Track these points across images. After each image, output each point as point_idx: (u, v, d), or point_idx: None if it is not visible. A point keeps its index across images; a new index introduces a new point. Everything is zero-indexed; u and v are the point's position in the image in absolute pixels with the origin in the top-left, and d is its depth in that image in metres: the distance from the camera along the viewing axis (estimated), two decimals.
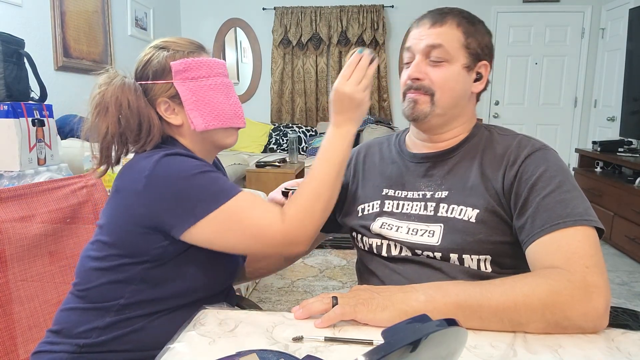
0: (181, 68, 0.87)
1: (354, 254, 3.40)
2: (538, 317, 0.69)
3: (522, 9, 4.83)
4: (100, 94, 0.85)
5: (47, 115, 2.04)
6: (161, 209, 0.79)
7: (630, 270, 3.06)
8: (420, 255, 0.90)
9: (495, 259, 0.86)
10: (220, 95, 0.90)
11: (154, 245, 0.82)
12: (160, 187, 0.79)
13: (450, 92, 0.92)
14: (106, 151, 0.88)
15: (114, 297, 0.83)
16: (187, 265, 0.85)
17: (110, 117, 0.84)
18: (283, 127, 4.97)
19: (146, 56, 0.89)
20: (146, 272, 0.83)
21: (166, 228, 0.80)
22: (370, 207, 1.00)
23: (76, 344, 0.83)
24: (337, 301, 0.74)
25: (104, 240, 0.85)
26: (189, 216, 0.79)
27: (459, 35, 0.91)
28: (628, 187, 3.22)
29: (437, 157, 0.97)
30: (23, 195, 1.07)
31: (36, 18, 3.01)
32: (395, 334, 0.42)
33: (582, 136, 4.93)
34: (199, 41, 0.94)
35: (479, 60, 0.94)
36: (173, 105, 0.89)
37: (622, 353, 0.65)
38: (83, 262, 0.88)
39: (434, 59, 0.91)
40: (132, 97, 0.85)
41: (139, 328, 0.84)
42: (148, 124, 0.86)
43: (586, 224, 0.78)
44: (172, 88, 0.87)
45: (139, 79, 0.89)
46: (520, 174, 0.86)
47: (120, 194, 0.84)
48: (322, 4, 4.98)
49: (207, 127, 0.88)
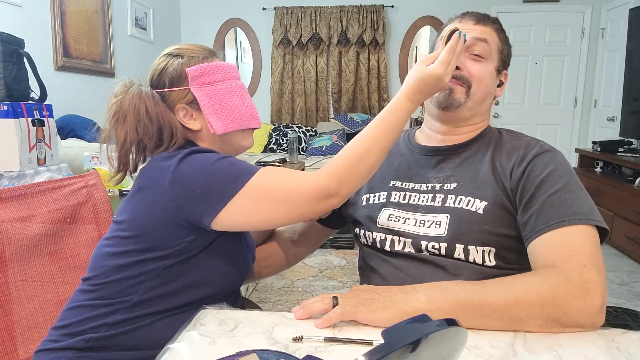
0: (197, 74, 0.89)
1: (354, 254, 3.40)
2: (537, 312, 0.70)
3: (522, 9, 4.83)
4: (117, 102, 0.87)
5: (47, 115, 2.04)
6: (189, 200, 0.80)
7: (630, 270, 3.06)
8: (424, 252, 0.90)
9: (500, 251, 0.87)
10: (236, 97, 0.92)
11: (178, 239, 0.82)
12: (186, 179, 0.80)
13: (485, 88, 0.96)
14: (124, 158, 0.90)
15: (128, 293, 0.83)
16: (204, 262, 0.86)
17: (129, 125, 0.86)
18: (283, 127, 4.97)
19: (161, 64, 0.91)
20: (165, 268, 0.83)
21: (197, 218, 0.80)
22: (376, 197, 1.00)
23: (82, 339, 0.83)
24: (338, 301, 0.74)
25: (125, 235, 0.84)
26: (218, 201, 0.79)
27: (497, 39, 0.97)
28: (628, 187, 3.22)
29: (449, 150, 0.98)
30: (23, 195, 1.07)
31: (36, 18, 3.01)
32: (395, 334, 0.42)
33: (582, 136, 4.94)
34: (209, 46, 0.96)
35: (504, 68, 1.00)
36: (191, 111, 0.90)
37: (622, 353, 0.65)
38: (99, 257, 0.87)
39: (476, 53, 0.94)
40: (150, 104, 0.87)
41: (147, 324, 0.84)
42: (170, 128, 0.88)
43: (590, 223, 0.79)
44: (190, 94, 0.89)
45: (155, 87, 0.91)
46: (529, 172, 0.87)
47: (145, 190, 0.84)
48: (322, 4, 4.98)
49: (226, 130, 0.90)
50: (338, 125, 4.86)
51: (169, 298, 0.85)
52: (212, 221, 0.80)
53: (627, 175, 3.46)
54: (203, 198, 0.80)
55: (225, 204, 0.79)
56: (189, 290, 0.85)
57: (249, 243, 1.00)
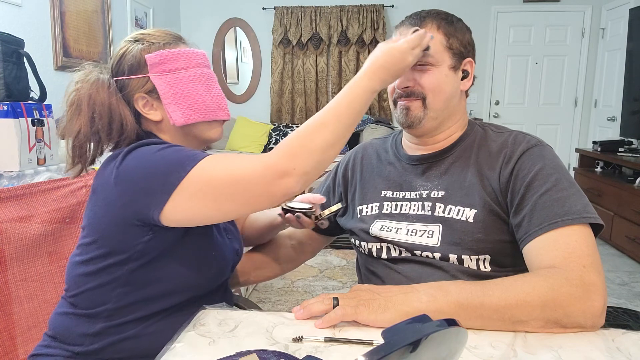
0: (157, 61, 0.83)
1: (354, 254, 3.38)
2: (538, 314, 0.70)
3: (522, 9, 4.82)
4: (75, 91, 0.83)
5: (46, 115, 2.04)
6: (134, 194, 0.76)
7: (630, 271, 3.06)
8: (420, 256, 0.90)
9: (495, 258, 0.86)
10: (201, 86, 0.86)
11: (135, 240, 0.78)
12: (131, 173, 0.76)
13: (442, 94, 0.92)
14: (79, 150, 0.84)
15: (102, 302, 0.81)
16: (172, 264, 0.82)
17: (83, 116, 0.81)
18: (283, 127, 4.97)
19: (121, 50, 0.86)
20: (130, 273, 0.80)
21: (144, 213, 0.75)
22: (369, 209, 1.00)
23: (71, 351, 0.82)
24: (338, 302, 0.74)
25: (87, 242, 0.82)
26: (162, 192, 0.74)
27: (441, 37, 0.91)
28: (628, 187, 3.22)
29: (433, 157, 0.97)
30: (22, 195, 1.06)
31: (36, 18, 3.01)
32: (395, 334, 0.42)
33: (582, 136, 4.93)
34: (176, 32, 0.90)
35: (464, 59, 0.94)
36: (151, 101, 0.85)
37: (622, 353, 0.65)
38: (70, 267, 0.86)
39: (420, 65, 0.90)
40: (104, 94, 0.82)
41: (133, 335, 0.81)
42: (119, 122, 0.82)
43: (584, 221, 0.78)
44: (149, 82, 0.84)
45: (115, 74, 0.85)
46: (517, 172, 0.86)
47: (97, 192, 0.82)
48: (322, 3, 4.97)
49: (187, 121, 0.84)
50: None
51: (146, 303, 0.82)
52: (159, 214, 0.74)
53: (627, 175, 3.46)
54: (147, 191, 0.74)
55: (170, 195, 0.73)
56: (164, 295, 0.82)
57: (230, 235, 0.95)
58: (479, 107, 5.02)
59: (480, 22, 4.83)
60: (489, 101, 5.02)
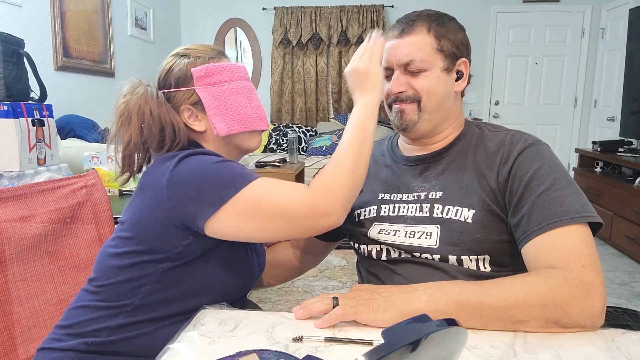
0: (202, 74, 0.88)
1: (354, 254, 3.38)
2: (537, 314, 0.70)
3: (522, 9, 4.83)
4: (124, 103, 0.87)
5: (47, 115, 2.04)
6: (184, 200, 0.79)
7: (630, 271, 3.06)
8: (420, 257, 0.90)
9: (494, 258, 0.86)
10: (242, 98, 0.91)
11: (175, 242, 0.81)
12: (184, 179, 0.80)
13: (436, 96, 0.92)
14: (129, 159, 0.90)
15: (128, 297, 0.83)
16: (203, 269, 0.85)
17: (133, 127, 0.86)
18: (283, 127, 4.97)
19: (167, 64, 0.91)
20: (163, 272, 0.83)
21: (190, 219, 0.79)
22: (366, 212, 1.00)
23: (84, 342, 0.83)
24: (338, 302, 0.74)
25: (125, 236, 0.85)
26: (210, 204, 0.78)
27: (431, 40, 0.91)
28: (628, 187, 3.22)
29: (430, 158, 0.97)
30: (23, 195, 1.07)
31: (36, 18, 3.01)
32: (395, 334, 0.42)
33: (582, 136, 4.94)
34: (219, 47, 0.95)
35: (457, 59, 0.93)
36: (196, 112, 0.90)
37: (622, 353, 0.65)
38: (102, 258, 0.88)
39: (412, 70, 0.91)
40: (154, 105, 0.86)
41: (149, 332, 0.83)
42: (172, 129, 0.87)
43: (582, 220, 0.78)
44: (195, 95, 0.89)
45: (162, 87, 0.90)
46: (515, 171, 0.86)
47: (145, 190, 0.84)
48: (322, 4, 4.98)
49: (230, 132, 0.89)
50: (338, 125, 4.86)
51: (170, 304, 0.84)
52: (204, 224, 0.78)
53: (627, 175, 3.46)
54: (197, 199, 0.78)
55: (218, 208, 0.77)
56: (189, 297, 0.85)
57: (257, 250, 0.98)
58: (479, 107, 5.02)
59: (480, 22, 4.84)
60: (489, 101, 5.02)
